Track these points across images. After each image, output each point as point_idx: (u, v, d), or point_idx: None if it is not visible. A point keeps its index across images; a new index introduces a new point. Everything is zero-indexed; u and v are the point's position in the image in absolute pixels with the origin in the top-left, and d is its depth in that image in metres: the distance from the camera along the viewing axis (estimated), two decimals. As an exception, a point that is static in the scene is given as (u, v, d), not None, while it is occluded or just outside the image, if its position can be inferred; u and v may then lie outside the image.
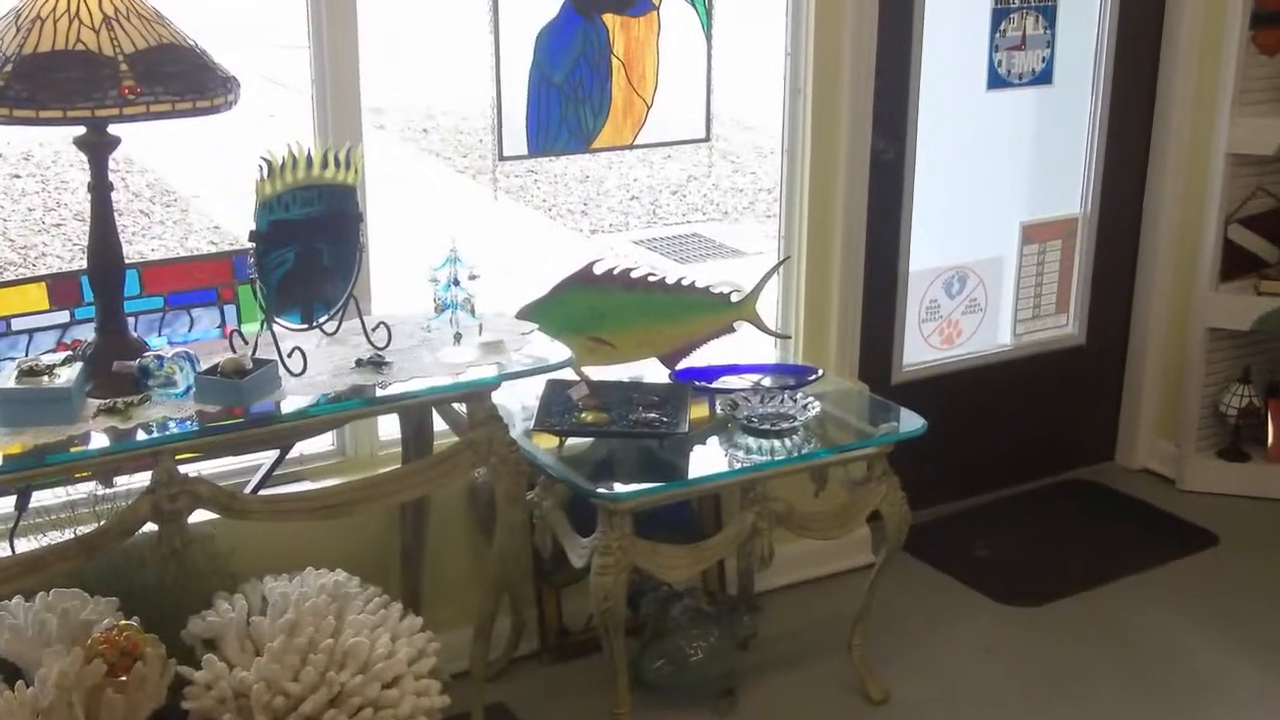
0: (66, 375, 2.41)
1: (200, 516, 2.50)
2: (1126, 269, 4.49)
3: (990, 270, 4.22)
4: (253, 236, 2.57)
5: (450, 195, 8.29)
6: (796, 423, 3.10)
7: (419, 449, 3.01)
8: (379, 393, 2.60)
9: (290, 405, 2.53)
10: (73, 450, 2.35)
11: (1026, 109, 4.16)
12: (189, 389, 2.48)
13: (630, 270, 3.30)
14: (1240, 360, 4.41)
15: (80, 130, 2.43)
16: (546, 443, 3.07)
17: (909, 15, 3.81)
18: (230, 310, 2.94)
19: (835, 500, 3.22)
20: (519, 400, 3.14)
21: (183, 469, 2.46)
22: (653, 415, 3.06)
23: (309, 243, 2.66)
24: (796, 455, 3.05)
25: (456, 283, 2.79)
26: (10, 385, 2.38)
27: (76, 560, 2.43)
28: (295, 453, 3.09)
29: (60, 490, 2.77)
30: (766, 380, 3.37)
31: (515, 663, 3.37)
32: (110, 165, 2.51)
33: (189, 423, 2.43)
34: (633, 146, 3.46)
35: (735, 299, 3.37)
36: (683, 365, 3.35)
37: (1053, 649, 3.53)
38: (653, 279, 3.31)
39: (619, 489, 2.91)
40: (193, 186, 8.08)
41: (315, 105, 3.04)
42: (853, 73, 3.65)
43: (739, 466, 3.02)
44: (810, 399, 3.17)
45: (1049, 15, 4.06)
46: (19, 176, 8.18)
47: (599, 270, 3.26)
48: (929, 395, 3.92)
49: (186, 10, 2.68)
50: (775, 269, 3.58)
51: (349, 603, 2.70)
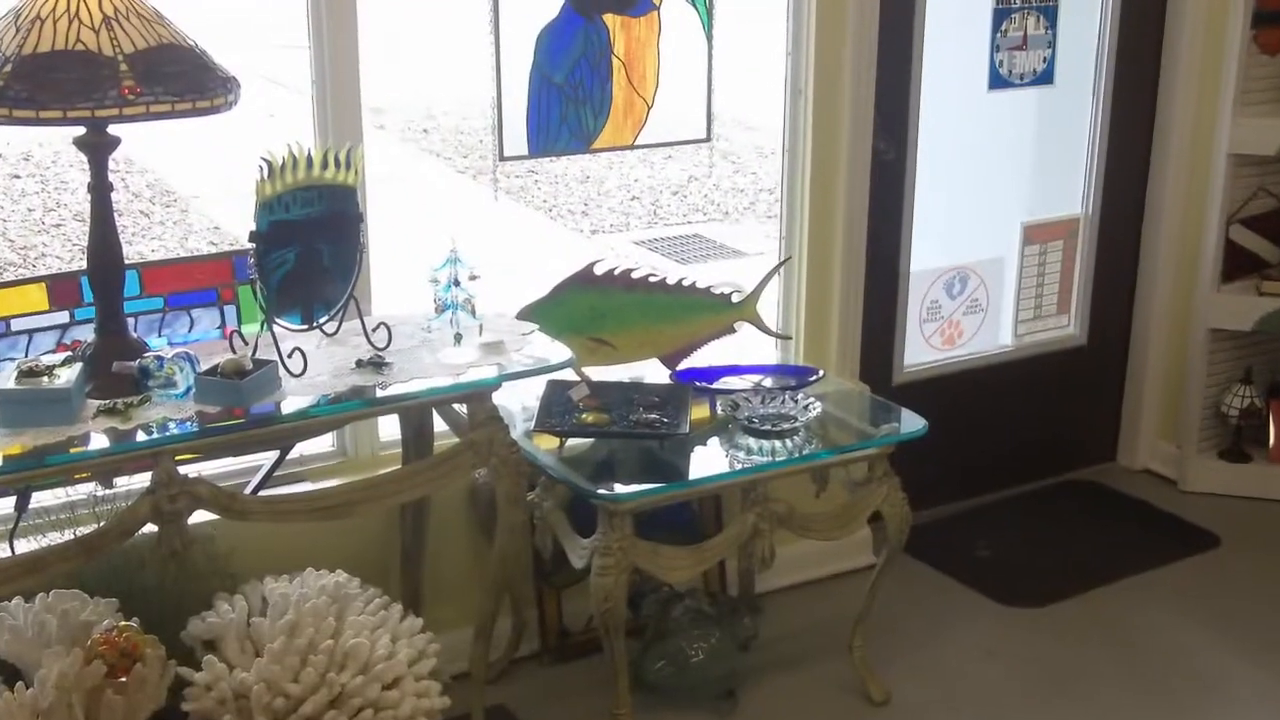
0: (66, 376, 2.41)
1: (200, 517, 2.50)
2: (1128, 269, 4.49)
3: (991, 271, 4.22)
4: (253, 237, 2.56)
5: (451, 195, 8.28)
6: (797, 423, 3.09)
7: (419, 450, 3.01)
8: (379, 393, 2.60)
9: (290, 406, 2.53)
10: (72, 451, 2.34)
11: (1028, 109, 4.16)
12: (189, 390, 2.48)
13: (631, 271, 3.29)
14: (1242, 361, 4.41)
15: (80, 130, 2.42)
16: (547, 443, 3.07)
17: (910, 15, 3.81)
18: (230, 311, 2.94)
19: (836, 501, 3.22)
20: (519, 401, 3.14)
21: (183, 470, 2.45)
22: (653, 416, 3.06)
23: (309, 243, 2.65)
24: (797, 456, 3.04)
25: (457, 283, 2.79)
26: (10, 386, 2.38)
27: (76, 561, 2.42)
28: (295, 453, 3.08)
29: (60, 491, 2.77)
30: (767, 381, 3.37)
31: (516, 664, 3.37)
32: (110, 165, 2.51)
33: (189, 423, 2.42)
34: (633, 147, 3.46)
35: (736, 299, 3.37)
36: (683, 366, 3.35)
37: (1054, 650, 3.53)
38: (653, 279, 3.31)
39: (620, 490, 2.90)
40: (193, 187, 8.08)
41: (315, 105, 3.04)
42: (854, 73, 3.65)
43: (740, 467, 3.02)
44: (811, 400, 3.17)
45: (1050, 15, 4.06)
46: (19, 177, 8.18)
47: (599, 271, 3.25)
48: (930, 396, 3.91)
49: (186, 10, 2.68)
50: (776, 269, 3.58)
51: (349, 604, 2.70)
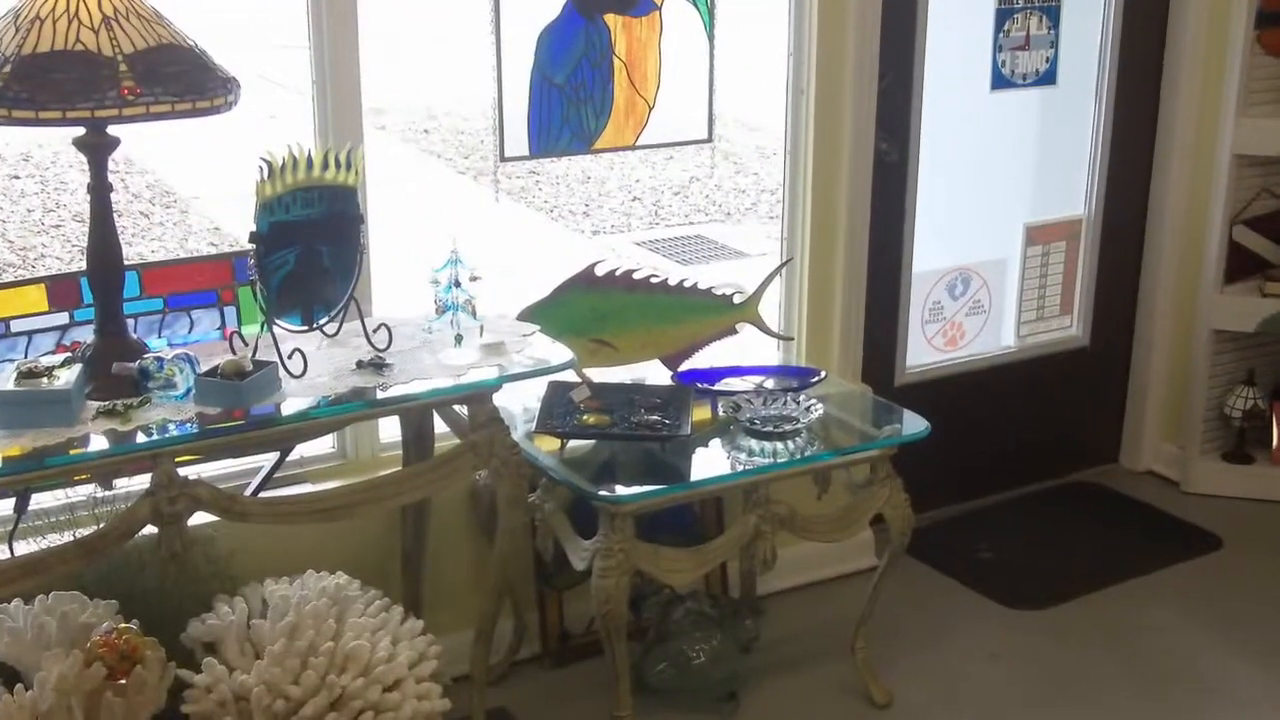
0: (66, 377, 2.40)
1: (200, 519, 2.49)
2: (1131, 270, 4.48)
3: (994, 272, 4.21)
4: (253, 238, 2.56)
5: (451, 196, 8.28)
6: (799, 425, 3.08)
7: (420, 451, 3.00)
8: (380, 395, 2.59)
9: (290, 407, 2.52)
10: (72, 452, 2.34)
11: (1030, 109, 4.15)
12: (189, 391, 2.47)
13: (632, 271, 3.29)
14: (1245, 362, 4.40)
15: (80, 131, 2.42)
16: (548, 445, 3.06)
17: (912, 15, 3.80)
18: (230, 312, 2.93)
19: (838, 503, 3.21)
20: (520, 402, 3.13)
21: (183, 471, 2.45)
22: (655, 417, 3.05)
23: (309, 244, 2.65)
24: (799, 458, 3.04)
25: (458, 284, 2.78)
26: (9, 387, 2.37)
27: (76, 563, 2.42)
28: (296, 455, 3.07)
29: (60, 493, 2.77)
30: (769, 382, 3.36)
31: (516, 666, 3.36)
32: (110, 166, 2.50)
33: (189, 425, 2.42)
34: (635, 147, 3.46)
35: (738, 300, 3.36)
36: (685, 367, 3.34)
37: (1057, 652, 3.52)
38: (655, 280, 3.30)
39: (621, 491, 2.90)
40: (193, 188, 8.08)
41: (315, 106, 3.03)
42: (856, 73, 3.64)
43: (741, 469, 3.01)
44: (813, 401, 3.16)
45: (1053, 15, 4.05)
46: (18, 177, 8.18)
47: (601, 271, 3.25)
48: (932, 397, 3.90)
49: (186, 10, 2.68)
50: (778, 270, 3.57)
51: (350, 606, 2.70)
